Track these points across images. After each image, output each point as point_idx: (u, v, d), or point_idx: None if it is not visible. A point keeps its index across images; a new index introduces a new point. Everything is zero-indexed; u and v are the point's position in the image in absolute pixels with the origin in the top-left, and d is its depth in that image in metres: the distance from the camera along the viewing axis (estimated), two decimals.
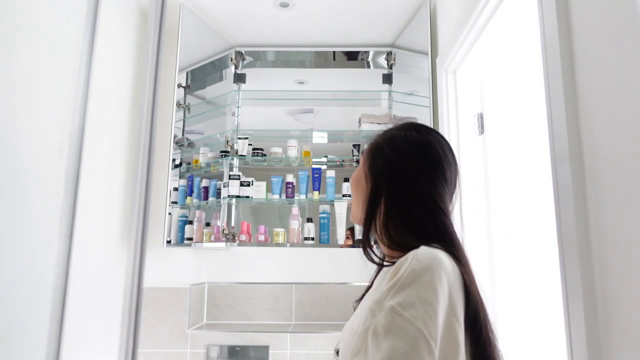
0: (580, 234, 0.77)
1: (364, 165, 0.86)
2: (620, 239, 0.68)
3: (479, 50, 1.53)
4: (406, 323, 0.60)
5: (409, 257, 0.67)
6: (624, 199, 0.67)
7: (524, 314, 1.20)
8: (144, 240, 0.78)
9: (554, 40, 0.85)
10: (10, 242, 0.74)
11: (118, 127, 1.93)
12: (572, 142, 0.80)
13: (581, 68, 0.80)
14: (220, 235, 2.03)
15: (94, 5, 0.90)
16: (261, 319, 2.15)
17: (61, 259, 0.81)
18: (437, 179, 0.79)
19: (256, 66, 2.42)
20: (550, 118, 0.86)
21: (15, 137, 0.77)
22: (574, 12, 0.82)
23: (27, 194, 0.79)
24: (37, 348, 0.79)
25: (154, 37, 0.84)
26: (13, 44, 0.77)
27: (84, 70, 0.89)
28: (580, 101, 0.80)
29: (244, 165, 2.22)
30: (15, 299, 0.76)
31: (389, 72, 2.38)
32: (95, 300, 1.67)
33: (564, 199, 0.81)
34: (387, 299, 0.64)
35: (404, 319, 0.61)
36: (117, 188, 1.91)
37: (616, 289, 0.69)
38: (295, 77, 2.42)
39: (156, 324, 2.09)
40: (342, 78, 2.40)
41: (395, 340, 0.59)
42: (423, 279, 0.64)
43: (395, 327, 0.61)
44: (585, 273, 0.75)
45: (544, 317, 1.08)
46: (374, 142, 0.87)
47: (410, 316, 0.61)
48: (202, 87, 2.36)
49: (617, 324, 0.69)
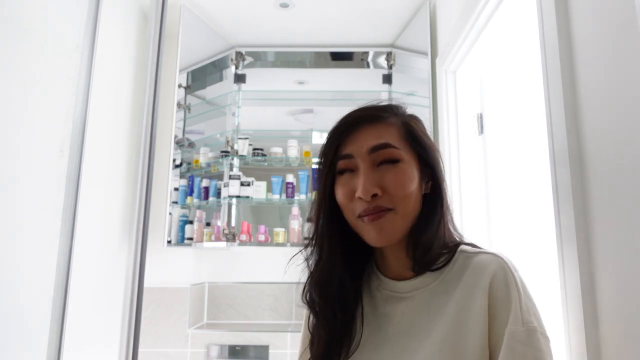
0: (580, 234, 0.77)
1: (415, 160, 0.70)
2: (620, 239, 0.68)
3: (479, 50, 1.53)
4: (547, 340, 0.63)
5: (501, 265, 0.65)
6: (624, 198, 0.67)
7: None
8: (145, 240, 0.78)
9: (553, 40, 0.86)
10: (11, 242, 0.74)
11: (118, 127, 1.93)
12: (572, 142, 0.80)
13: (581, 68, 0.80)
14: (220, 235, 2.04)
15: (95, 6, 0.91)
16: (261, 319, 2.15)
17: (62, 259, 0.81)
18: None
19: (256, 66, 2.42)
20: (550, 118, 0.86)
21: (16, 137, 0.77)
22: (573, 12, 0.82)
23: (27, 194, 0.79)
24: (38, 347, 0.79)
25: (154, 38, 0.84)
26: (14, 44, 0.77)
27: (85, 71, 0.89)
28: (579, 101, 0.80)
29: (244, 165, 2.22)
30: (17, 298, 0.77)
31: (389, 72, 2.38)
32: (96, 299, 1.68)
33: (564, 199, 0.81)
34: (532, 323, 0.62)
35: (545, 337, 0.63)
36: (118, 188, 1.91)
37: (616, 289, 0.69)
38: (295, 77, 2.42)
39: (156, 324, 2.09)
40: (342, 78, 2.40)
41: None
42: (524, 283, 0.66)
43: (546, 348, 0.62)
44: (585, 273, 0.75)
45: (544, 316, 1.08)
46: (409, 127, 0.72)
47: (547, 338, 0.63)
48: (203, 87, 2.36)
49: (617, 325, 0.69)
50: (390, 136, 0.69)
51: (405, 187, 0.67)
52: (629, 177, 0.66)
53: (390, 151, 0.68)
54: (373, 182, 0.66)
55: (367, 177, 0.66)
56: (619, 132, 0.69)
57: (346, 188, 0.69)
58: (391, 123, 0.71)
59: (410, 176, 0.68)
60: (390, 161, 0.68)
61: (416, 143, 0.71)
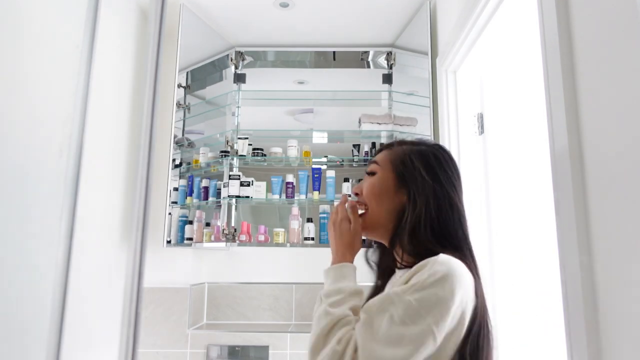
0: (580, 234, 0.77)
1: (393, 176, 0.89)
2: (619, 239, 0.68)
3: (479, 50, 1.53)
4: (420, 319, 0.69)
5: (430, 261, 0.75)
6: (624, 198, 0.67)
7: (523, 314, 1.20)
8: (144, 240, 0.78)
9: (554, 40, 0.85)
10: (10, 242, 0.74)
11: (118, 127, 1.93)
12: (572, 142, 0.80)
13: (581, 68, 0.80)
14: (220, 235, 2.03)
15: (94, 5, 0.90)
16: (261, 319, 2.15)
17: (61, 259, 0.81)
18: (459, 189, 0.90)
19: (256, 66, 2.42)
20: (550, 118, 0.86)
21: (15, 137, 0.77)
22: (574, 12, 0.82)
23: (27, 194, 0.79)
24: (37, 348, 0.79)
25: (154, 37, 0.84)
26: (13, 43, 0.77)
27: (84, 70, 0.89)
28: (580, 101, 0.80)
29: (244, 165, 2.22)
30: (16, 299, 0.76)
31: (389, 72, 2.38)
32: (95, 300, 1.68)
33: (564, 199, 0.81)
34: (407, 294, 0.71)
35: (419, 315, 0.69)
36: (117, 188, 1.91)
37: (616, 288, 0.69)
38: (295, 77, 2.42)
39: (156, 324, 2.09)
40: (342, 78, 2.40)
41: (408, 330, 0.68)
42: (444, 282, 0.71)
43: (410, 319, 0.69)
44: (585, 273, 0.75)
45: (544, 316, 1.08)
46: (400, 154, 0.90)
47: (425, 313, 0.69)
48: (202, 87, 2.36)
49: (617, 324, 0.69)
50: (381, 157, 0.93)
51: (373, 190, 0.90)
52: (629, 176, 0.66)
53: (371, 166, 0.93)
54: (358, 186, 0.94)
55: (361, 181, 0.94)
56: (619, 132, 0.68)
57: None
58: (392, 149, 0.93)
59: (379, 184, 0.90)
60: (369, 173, 0.93)
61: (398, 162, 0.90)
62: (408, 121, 2.22)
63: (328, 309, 0.76)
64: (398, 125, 2.23)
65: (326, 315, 0.76)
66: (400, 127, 2.23)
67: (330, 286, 0.83)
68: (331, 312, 0.76)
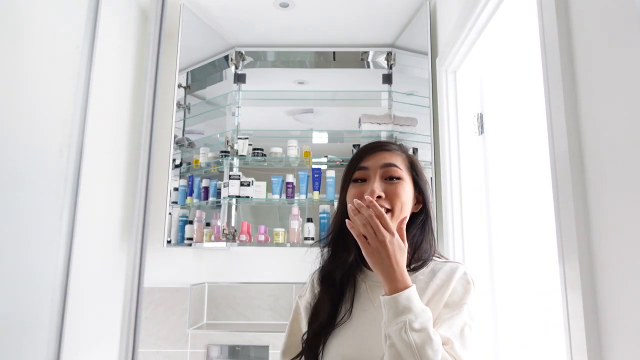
0: (580, 234, 0.77)
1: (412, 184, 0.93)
2: (619, 239, 0.68)
3: (479, 50, 1.53)
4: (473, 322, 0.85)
5: (471, 283, 0.89)
6: (624, 198, 0.67)
7: (523, 313, 1.20)
8: (144, 240, 0.78)
9: (553, 40, 0.85)
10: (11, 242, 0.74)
11: (118, 127, 1.93)
12: (572, 142, 0.80)
13: (581, 68, 0.80)
14: (220, 235, 2.03)
15: (94, 5, 0.90)
16: (261, 319, 2.15)
17: (61, 259, 0.81)
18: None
19: (256, 66, 2.42)
20: (550, 118, 0.86)
21: (15, 137, 0.77)
22: (573, 12, 0.82)
23: (27, 194, 0.79)
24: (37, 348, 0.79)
25: (154, 37, 0.84)
26: (13, 43, 0.77)
27: (84, 70, 0.89)
28: (580, 101, 0.80)
29: (244, 165, 2.22)
30: (16, 299, 0.76)
31: (389, 72, 2.38)
32: (95, 300, 1.68)
33: (564, 199, 0.81)
34: (465, 303, 0.86)
35: (471, 317, 0.86)
36: (117, 188, 1.91)
37: (616, 288, 0.69)
38: (295, 77, 2.42)
39: (156, 324, 2.09)
40: (342, 78, 2.40)
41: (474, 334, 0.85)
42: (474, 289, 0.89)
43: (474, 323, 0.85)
44: (585, 273, 0.75)
45: (544, 316, 1.08)
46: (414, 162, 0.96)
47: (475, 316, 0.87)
48: (202, 87, 2.36)
49: (617, 324, 0.69)
50: (397, 161, 0.93)
51: (403, 197, 0.89)
52: (629, 176, 0.66)
53: (395, 170, 0.91)
54: (380, 188, 0.88)
55: (376, 183, 0.88)
56: (619, 131, 0.68)
57: (357, 191, 0.90)
58: (398, 154, 0.95)
59: (407, 192, 0.90)
60: (395, 177, 0.90)
61: (415, 172, 0.94)
62: (408, 121, 2.22)
63: (433, 337, 0.75)
64: (398, 125, 2.24)
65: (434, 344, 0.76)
66: (400, 127, 2.23)
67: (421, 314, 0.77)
68: (437, 340, 0.75)
